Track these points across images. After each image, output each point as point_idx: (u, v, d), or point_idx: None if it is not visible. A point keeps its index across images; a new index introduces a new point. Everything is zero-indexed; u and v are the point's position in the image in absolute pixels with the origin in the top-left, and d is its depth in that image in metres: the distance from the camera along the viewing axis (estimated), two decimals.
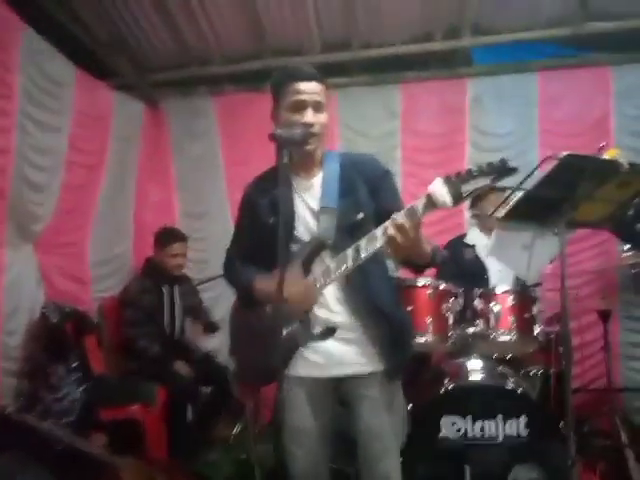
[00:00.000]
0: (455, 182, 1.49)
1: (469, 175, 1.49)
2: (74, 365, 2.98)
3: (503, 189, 3.25)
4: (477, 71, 4.28)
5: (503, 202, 3.18)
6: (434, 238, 1.95)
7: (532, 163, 3.78)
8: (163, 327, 3.52)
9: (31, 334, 3.04)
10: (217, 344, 3.82)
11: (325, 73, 1.88)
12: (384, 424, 1.85)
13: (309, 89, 1.81)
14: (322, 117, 1.83)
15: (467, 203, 3.32)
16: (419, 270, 1.91)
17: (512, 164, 1.50)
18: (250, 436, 2.71)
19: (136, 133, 4.30)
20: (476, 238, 3.42)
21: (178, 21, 3.95)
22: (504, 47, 4.15)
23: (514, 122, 4.12)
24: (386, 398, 1.85)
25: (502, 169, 1.49)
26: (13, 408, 2.49)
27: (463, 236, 3.51)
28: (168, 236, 3.64)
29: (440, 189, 1.50)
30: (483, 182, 1.50)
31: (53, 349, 2.94)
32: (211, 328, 3.75)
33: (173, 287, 3.63)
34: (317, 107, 1.82)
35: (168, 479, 2.72)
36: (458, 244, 3.43)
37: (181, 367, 3.40)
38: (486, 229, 3.37)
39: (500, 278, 3.21)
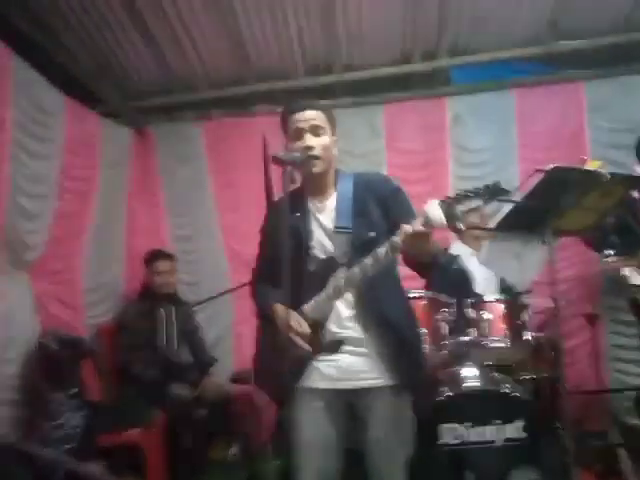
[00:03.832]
0: (450, 203, 1.62)
1: (464, 197, 1.62)
2: (73, 392, 2.98)
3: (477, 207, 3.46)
4: (456, 90, 4.41)
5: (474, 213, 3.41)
6: None
7: (512, 176, 4.01)
8: (160, 350, 3.52)
9: (29, 362, 3.02)
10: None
11: (309, 95, 1.99)
12: (392, 437, 1.90)
13: (304, 117, 1.93)
14: (323, 140, 1.93)
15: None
16: (424, 270, 1.97)
17: (504, 186, 1.65)
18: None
19: (124, 159, 4.33)
20: (460, 249, 3.57)
21: (163, 48, 4.02)
22: (481, 66, 4.30)
23: (493, 137, 4.25)
24: (395, 412, 1.91)
25: (495, 191, 1.63)
26: (14, 437, 2.48)
27: (447, 248, 3.62)
28: (151, 255, 3.77)
29: (434, 210, 1.62)
30: (476, 203, 1.63)
31: (53, 377, 2.93)
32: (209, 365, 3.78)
33: (170, 310, 3.65)
34: (315, 131, 1.92)
35: None
36: (444, 255, 3.54)
37: (179, 390, 3.40)
38: (467, 241, 3.57)
39: (486, 286, 3.36)
